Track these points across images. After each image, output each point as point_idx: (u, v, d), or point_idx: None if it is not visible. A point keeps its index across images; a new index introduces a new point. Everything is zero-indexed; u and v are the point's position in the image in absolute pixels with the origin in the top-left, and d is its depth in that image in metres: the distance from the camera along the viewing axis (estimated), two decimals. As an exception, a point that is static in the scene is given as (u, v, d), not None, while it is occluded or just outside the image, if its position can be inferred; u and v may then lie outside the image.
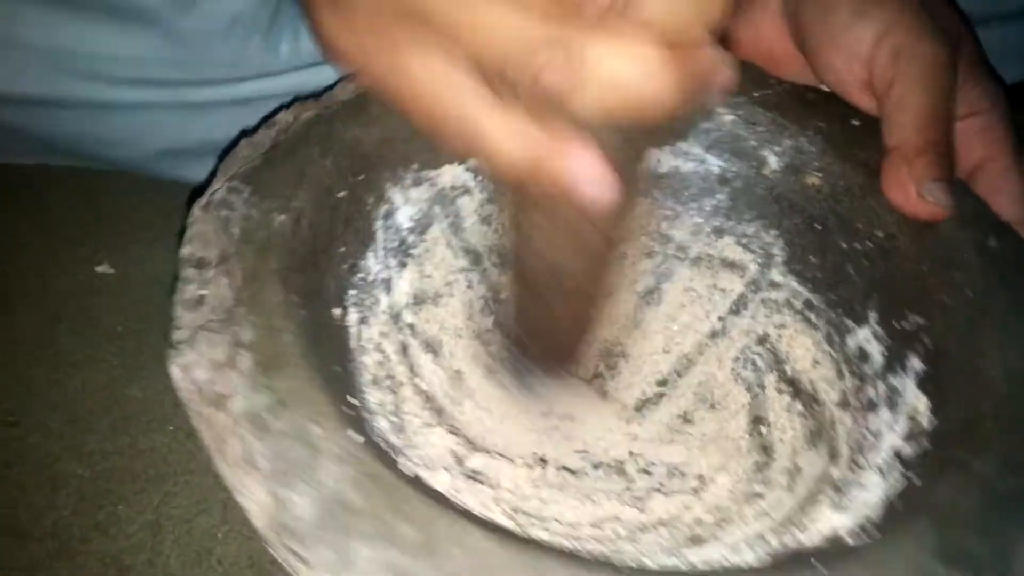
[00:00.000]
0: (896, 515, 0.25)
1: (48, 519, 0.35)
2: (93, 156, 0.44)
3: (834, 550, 0.25)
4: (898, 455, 0.28)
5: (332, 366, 0.28)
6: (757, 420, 0.35)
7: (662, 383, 0.38)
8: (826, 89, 0.37)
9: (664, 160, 0.38)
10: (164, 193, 0.44)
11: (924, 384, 0.30)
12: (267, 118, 0.32)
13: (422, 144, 0.34)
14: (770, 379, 0.36)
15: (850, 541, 0.25)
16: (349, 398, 0.27)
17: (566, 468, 0.34)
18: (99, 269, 0.43)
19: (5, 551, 0.33)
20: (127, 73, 0.40)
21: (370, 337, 0.32)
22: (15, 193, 0.45)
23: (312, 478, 0.23)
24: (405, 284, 0.35)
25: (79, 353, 0.40)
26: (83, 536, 0.34)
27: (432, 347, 0.34)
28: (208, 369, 0.25)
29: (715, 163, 0.38)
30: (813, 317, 0.36)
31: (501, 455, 0.33)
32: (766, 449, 0.34)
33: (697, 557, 0.26)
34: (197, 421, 0.24)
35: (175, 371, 0.25)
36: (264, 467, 0.23)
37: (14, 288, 0.42)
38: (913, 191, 0.32)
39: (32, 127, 0.42)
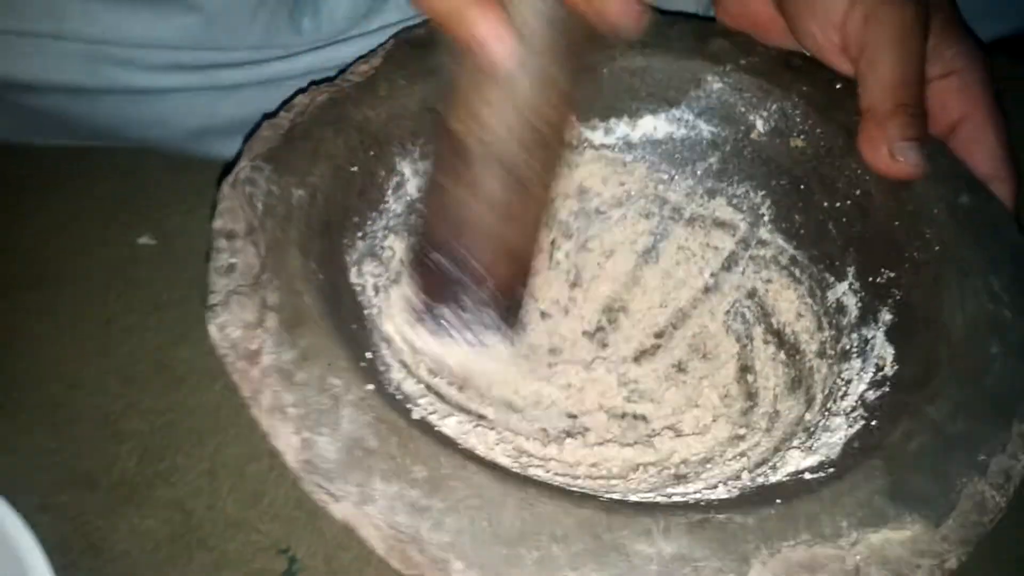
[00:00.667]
0: (852, 456, 0.28)
1: (115, 470, 0.38)
2: (129, 137, 0.47)
3: (793, 487, 0.27)
4: (863, 400, 0.31)
5: (349, 324, 0.31)
6: (745, 369, 0.38)
7: (659, 335, 0.40)
8: (808, 54, 0.39)
9: (659, 127, 0.41)
10: (195, 169, 0.46)
11: (891, 334, 0.33)
12: (286, 102, 0.35)
13: (430, 118, 0.37)
14: (758, 331, 0.39)
15: (809, 478, 0.28)
16: (366, 353, 0.30)
17: (569, 414, 0.37)
18: (140, 241, 0.46)
19: (79, 499, 0.37)
20: (162, 59, 0.42)
21: (383, 297, 0.35)
22: (58, 173, 0.48)
23: (334, 423, 0.26)
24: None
25: (128, 319, 0.43)
26: (147, 484, 0.38)
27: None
28: (241, 328, 0.28)
29: (706, 128, 0.40)
30: (797, 272, 0.38)
31: (508, 405, 0.36)
32: (751, 395, 0.37)
33: (677, 493, 0.29)
34: (233, 374, 0.28)
35: (213, 330, 0.29)
36: (292, 414, 0.26)
37: (64, 262, 0.45)
38: (885, 151, 0.34)
39: (74, 113, 0.45)
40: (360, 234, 0.35)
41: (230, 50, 0.43)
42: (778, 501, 0.26)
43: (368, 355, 0.30)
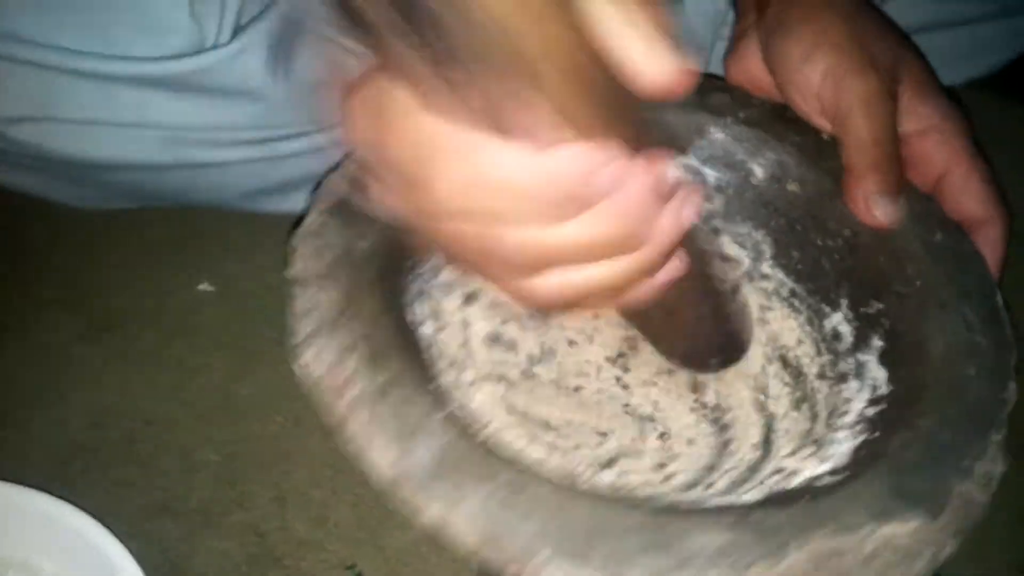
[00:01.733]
0: (861, 462, 0.33)
1: (192, 498, 0.42)
2: (190, 201, 0.51)
3: (814, 489, 0.32)
4: (863, 416, 0.36)
5: (418, 356, 0.35)
6: (758, 388, 0.43)
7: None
8: None
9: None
10: (246, 220, 0.51)
11: (883, 359, 0.38)
12: (348, 154, 0.39)
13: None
14: (767, 352, 0.43)
15: (826, 482, 0.33)
16: (437, 379, 0.34)
17: (599, 432, 0.41)
18: (200, 288, 0.50)
19: (161, 526, 0.40)
20: (227, 138, 0.46)
21: (438, 333, 0.39)
22: (124, 229, 0.52)
23: (425, 437, 0.30)
24: (459, 289, 0.42)
25: (194, 360, 0.47)
26: (223, 510, 0.41)
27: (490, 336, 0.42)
28: (327, 363, 0.32)
29: (711, 174, 0.45)
30: (796, 303, 0.43)
31: (545, 424, 0.40)
32: (763, 410, 0.42)
33: (708, 494, 0.34)
34: (323, 406, 0.31)
35: (298, 368, 0.32)
36: (388, 429, 0.30)
37: (133, 309, 0.49)
38: (864, 204, 0.39)
39: (143, 184, 0.49)
40: (411, 277, 0.39)
41: (287, 127, 0.47)
42: (804, 500, 0.30)
43: (438, 382, 0.34)
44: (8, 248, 0.52)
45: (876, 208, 0.39)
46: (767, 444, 0.39)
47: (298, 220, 0.37)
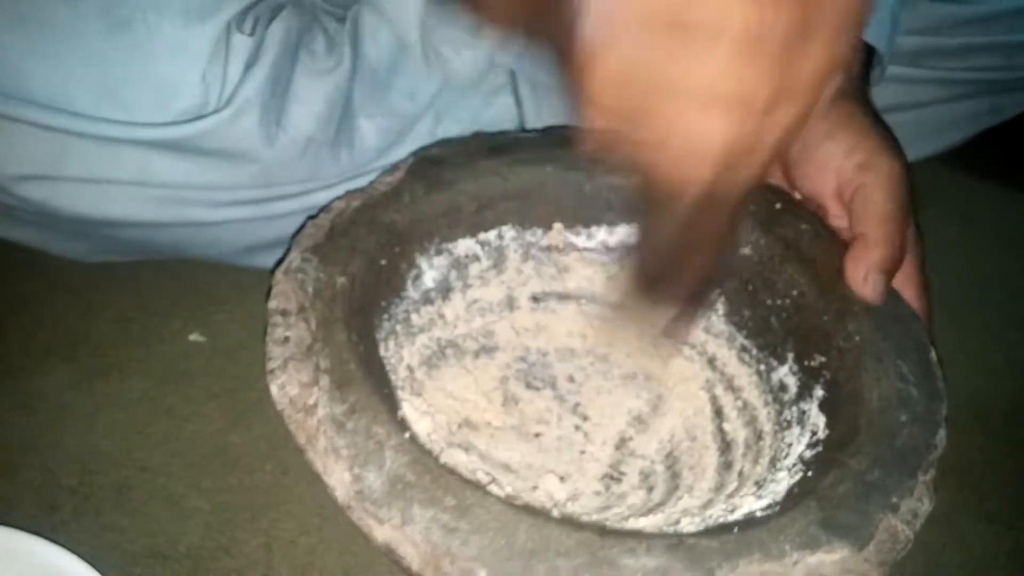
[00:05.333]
0: (794, 498, 0.35)
1: (182, 544, 0.43)
2: (185, 255, 0.54)
3: (747, 522, 0.34)
4: (801, 458, 0.38)
5: (383, 388, 0.37)
6: (716, 432, 0.45)
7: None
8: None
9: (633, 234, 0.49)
10: (237, 273, 0.53)
11: (823, 407, 0.40)
12: (326, 206, 0.42)
13: (443, 222, 0.44)
14: (724, 397, 0.46)
15: (760, 515, 0.34)
16: (398, 411, 0.36)
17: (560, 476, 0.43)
18: (192, 338, 0.53)
19: (150, 572, 0.42)
20: (224, 197, 0.49)
21: (406, 366, 0.42)
22: (118, 280, 0.55)
23: (379, 462, 0.32)
24: (425, 335, 0.44)
25: (187, 408, 0.49)
26: (211, 556, 0.43)
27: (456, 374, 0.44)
28: (298, 387, 0.35)
29: (670, 238, 0.48)
30: (747, 357, 0.46)
31: (505, 466, 0.42)
32: (724, 451, 0.44)
33: (649, 523, 0.36)
34: (291, 425, 0.34)
35: (274, 389, 0.35)
36: (344, 455, 0.32)
37: (125, 358, 0.51)
38: (863, 273, 0.41)
39: (143, 239, 0.52)
40: (386, 316, 0.42)
41: (282, 186, 0.50)
42: (735, 531, 0.32)
43: (400, 412, 0.36)
44: (4, 298, 0.55)
45: (872, 282, 0.41)
46: (717, 487, 0.41)
47: (280, 259, 0.40)
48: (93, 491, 0.45)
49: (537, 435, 0.45)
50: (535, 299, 0.48)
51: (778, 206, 0.46)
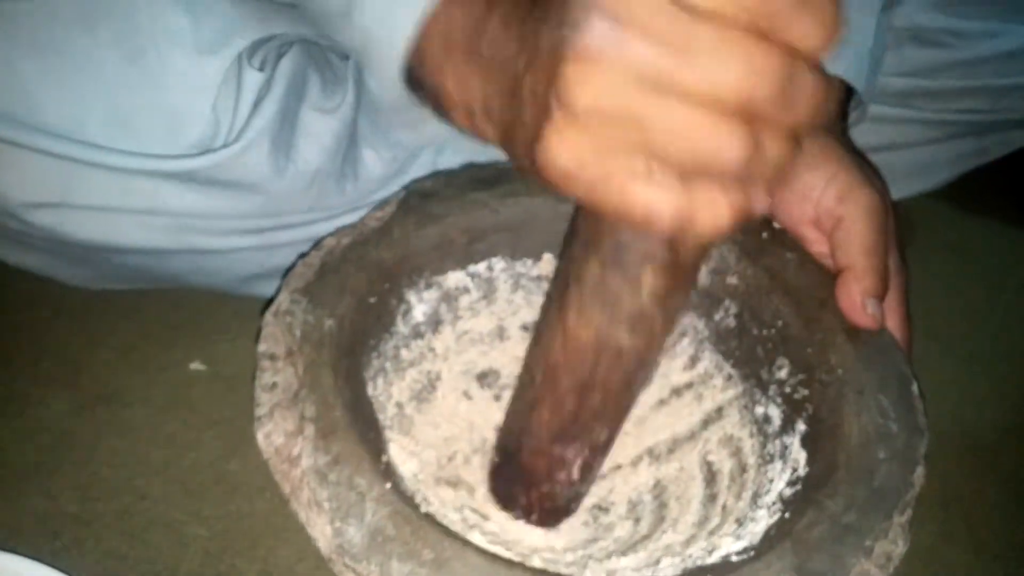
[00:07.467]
0: (769, 541, 0.36)
1: (181, 571, 0.44)
2: (189, 283, 0.55)
3: (722, 566, 0.35)
4: (780, 497, 0.39)
5: (368, 433, 0.38)
6: (706, 463, 0.45)
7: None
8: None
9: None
10: (238, 301, 0.54)
11: (804, 441, 0.41)
12: (317, 243, 0.43)
13: (434, 255, 0.45)
14: (714, 432, 0.46)
15: (735, 560, 0.35)
16: (382, 456, 0.37)
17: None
18: (192, 366, 0.54)
19: None
20: (229, 226, 0.50)
21: (395, 403, 0.43)
22: (120, 308, 0.56)
23: (360, 515, 0.33)
24: (414, 370, 0.45)
25: (187, 436, 0.50)
26: None
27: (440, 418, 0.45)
28: (283, 436, 0.36)
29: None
30: (733, 388, 0.46)
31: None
32: (710, 482, 0.44)
33: (630, 562, 0.36)
34: (276, 474, 0.35)
35: (260, 438, 0.36)
36: (326, 507, 0.33)
37: (127, 386, 0.52)
38: (858, 302, 0.41)
39: (150, 267, 0.53)
40: (375, 353, 0.43)
41: (286, 215, 0.51)
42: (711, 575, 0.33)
43: (384, 458, 0.37)
44: (8, 325, 0.56)
45: (869, 308, 0.42)
46: (701, 521, 0.42)
47: (269, 300, 0.41)
48: (94, 518, 0.46)
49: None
50: (525, 328, 0.48)
51: (764, 235, 0.46)
